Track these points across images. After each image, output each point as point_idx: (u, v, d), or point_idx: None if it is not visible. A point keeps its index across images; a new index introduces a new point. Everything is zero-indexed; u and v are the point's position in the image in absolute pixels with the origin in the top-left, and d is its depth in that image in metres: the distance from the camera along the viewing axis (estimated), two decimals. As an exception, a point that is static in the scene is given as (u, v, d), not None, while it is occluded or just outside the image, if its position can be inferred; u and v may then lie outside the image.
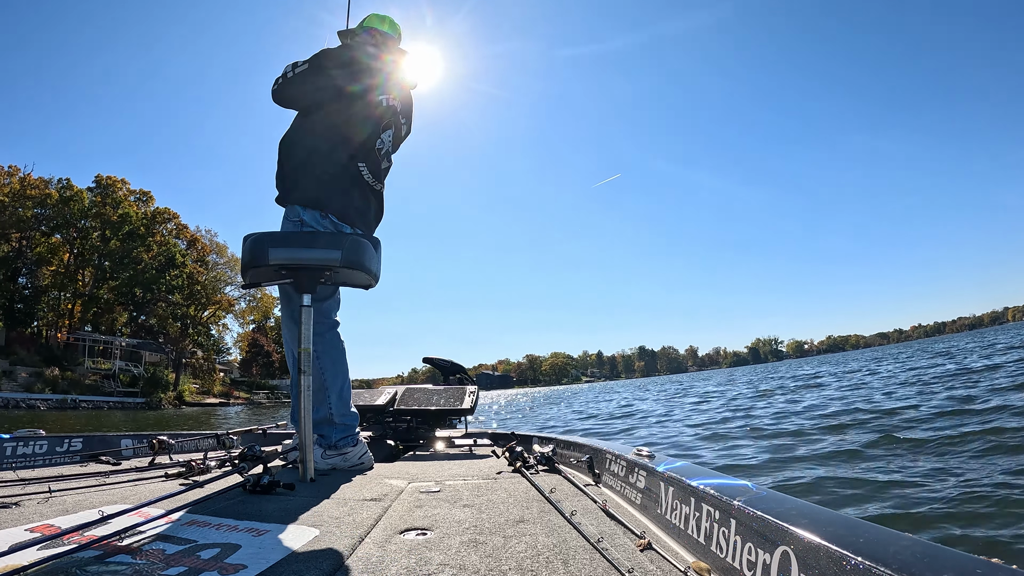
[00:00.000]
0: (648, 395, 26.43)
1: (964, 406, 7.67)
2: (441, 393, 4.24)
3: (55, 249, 49.54)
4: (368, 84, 2.76)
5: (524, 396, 63.38)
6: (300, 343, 2.28)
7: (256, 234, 2.32)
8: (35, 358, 41.39)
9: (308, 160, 2.70)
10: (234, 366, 70.80)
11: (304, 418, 2.21)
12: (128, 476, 2.47)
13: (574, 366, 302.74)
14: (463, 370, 4.82)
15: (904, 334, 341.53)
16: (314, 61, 2.70)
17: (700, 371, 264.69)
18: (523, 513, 1.65)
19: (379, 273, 2.51)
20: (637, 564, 1.19)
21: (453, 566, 1.18)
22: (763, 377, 31.89)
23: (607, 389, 56.25)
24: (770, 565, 0.92)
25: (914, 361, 23.28)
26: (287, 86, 2.72)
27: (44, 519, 1.54)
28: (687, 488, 1.32)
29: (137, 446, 3.22)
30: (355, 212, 2.75)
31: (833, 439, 6.74)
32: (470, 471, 2.57)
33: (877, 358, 38.80)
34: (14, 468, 2.61)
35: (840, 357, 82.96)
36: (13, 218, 45.47)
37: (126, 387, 44.82)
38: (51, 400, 35.15)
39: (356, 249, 2.33)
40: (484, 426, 5.64)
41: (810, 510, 0.95)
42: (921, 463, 5.03)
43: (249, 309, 64.16)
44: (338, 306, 2.87)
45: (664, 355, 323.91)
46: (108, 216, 50.49)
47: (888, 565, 0.69)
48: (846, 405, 9.88)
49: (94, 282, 51.65)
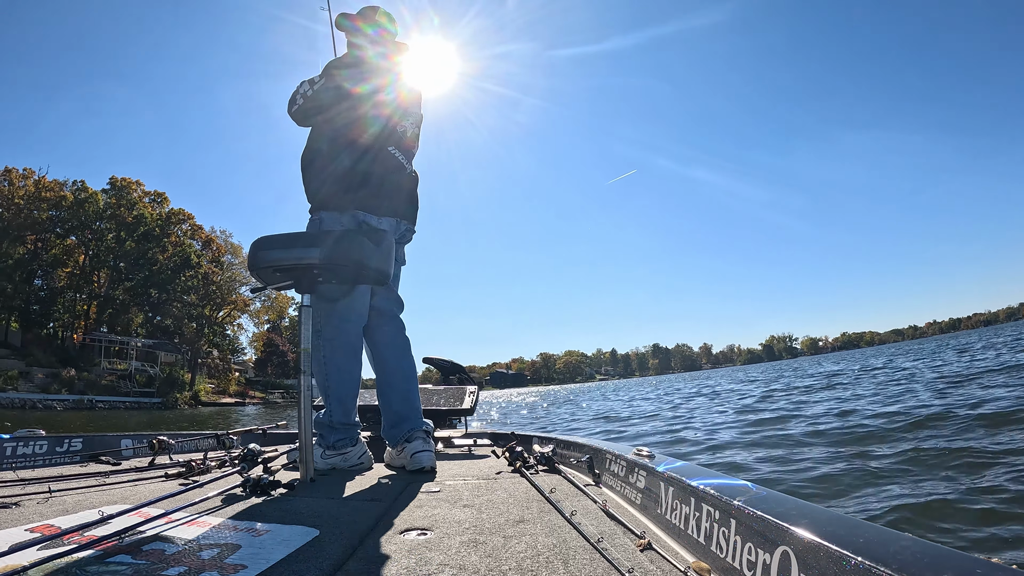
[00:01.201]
0: (681, 391, 24.88)
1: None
2: (441, 393, 4.24)
3: (70, 251, 50.07)
4: (378, 83, 2.76)
5: (534, 396, 60.49)
6: (300, 343, 2.28)
7: (257, 239, 2.34)
8: (51, 359, 41.81)
9: (323, 163, 2.71)
10: (249, 366, 71.26)
11: (304, 418, 2.21)
12: (128, 476, 2.48)
13: (588, 364, 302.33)
14: (463, 370, 4.82)
15: (919, 331, 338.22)
16: (328, 75, 2.71)
17: (715, 368, 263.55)
18: (523, 513, 1.65)
19: (382, 266, 2.45)
20: (637, 564, 1.18)
21: (453, 566, 1.18)
22: (799, 374, 27.76)
23: (623, 387, 54.23)
24: (770, 565, 0.91)
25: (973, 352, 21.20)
26: (310, 107, 2.72)
27: (44, 519, 1.55)
28: (687, 488, 1.31)
29: (137, 446, 3.23)
30: (384, 201, 2.75)
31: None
32: (470, 471, 2.57)
33: (899, 353, 37.04)
34: (14, 468, 2.62)
35: (860, 354, 79.39)
36: (28, 220, 45.99)
37: (142, 387, 45.09)
38: (68, 401, 35.49)
39: (340, 246, 2.32)
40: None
41: (810, 510, 0.94)
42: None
43: (264, 309, 64.68)
44: (360, 306, 2.80)
45: (678, 353, 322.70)
46: (123, 217, 51.00)
47: (888, 565, 0.68)
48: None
49: (109, 283, 52.14)
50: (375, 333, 2.88)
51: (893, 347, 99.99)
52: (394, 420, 2.76)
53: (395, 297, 2.99)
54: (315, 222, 2.70)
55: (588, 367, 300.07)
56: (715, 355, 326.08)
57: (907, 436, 6.14)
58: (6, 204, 45.85)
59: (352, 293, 2.71)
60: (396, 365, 2.87)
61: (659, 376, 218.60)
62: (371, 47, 2.86)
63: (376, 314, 2.88)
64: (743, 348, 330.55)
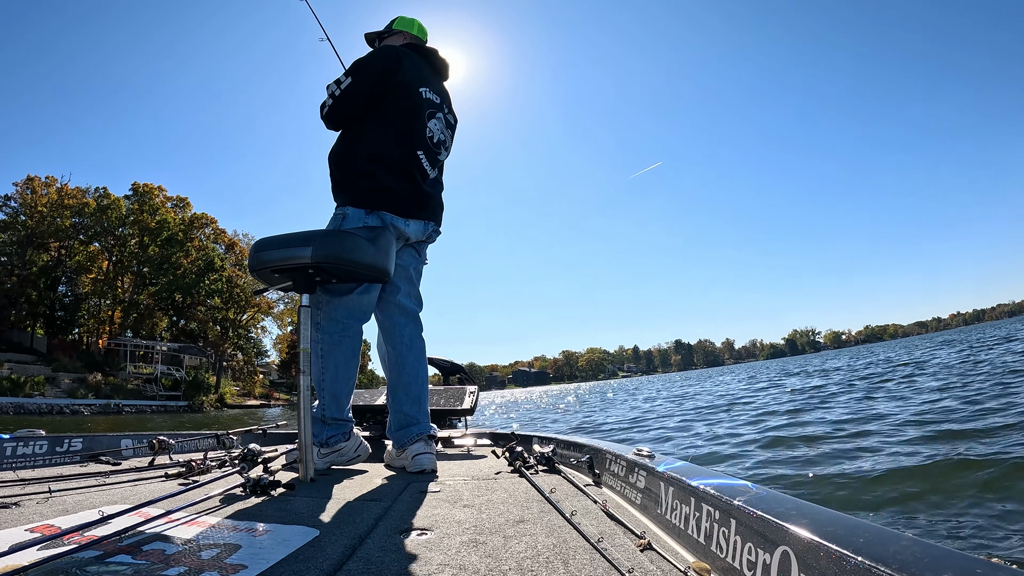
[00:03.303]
0: (737, 384, 22.89)
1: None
2: (441, 393, 4.23)
3: (94, 257, 50.57)
4: (406, 78, 2.74)
5: (569, 394, 53.84)
6: (299, 343, 2.28)
7: (257, 240, 2.35)
8: (77, 364, 42.19)
9: (352, 158, 2.71)
10: (273, 368, 71.82)
11: (303, 418, 2.22)
12: (128, 476, 2.48)
13: (610, 361, 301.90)
14: (463, 370, 4.82)
15: (943, 323, 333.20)
16: (355, 71, 2.69)
17: (737, 363, 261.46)
18: (523, 513, 1.65)
19: (378, 263, 2.44)
20: (637, 564, 1.18)
21: (453, 566, 1.18)
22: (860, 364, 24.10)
23: (645, 383, 53.16)
24: (770, 565, 0.91)
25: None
26: (339, 107, 2.70)
27: (44, 519, 1.55)
28: (687, 488, 1.31)
29: (137, 446, 3.23)
30: (412, 203, 2.73)
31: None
32: (470, 471, 2.57)
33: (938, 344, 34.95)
34: (14, 468, 2.63)
35: (887, 346, 76.92)
36: (52, 228, 46.53)
37: (168, 391, 45.31)
38: (95, 405, 35.75)
39: (333, 244, 2.31)
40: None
41: (810, 510, 0.94)
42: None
43: (288, 311, 65.00)
44: (365, 304, 2.76)
45: (700, 348, 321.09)
46: (146, 223, 51.55)
47: (888, 565, 0.68)
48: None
49: (133, 288, 52.76)
50: (397, 331, 2.85)
51: (922, 339, 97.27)
52: (404, 422, 2.75)
53: (417, 295, 2.98)
54: (337, 217, 2.68)
55: (610, 364, 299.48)
56: (737, 350, 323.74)
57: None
58: (29, 212, 46.45)
59: (355, 290, 2.69)
60: (414, 368, 2.85)
61: (683, 372, 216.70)
62: (401, 46, 2.87)
63: (400, 312, 2.87)
64: (765, 343, 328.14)
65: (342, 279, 2.51)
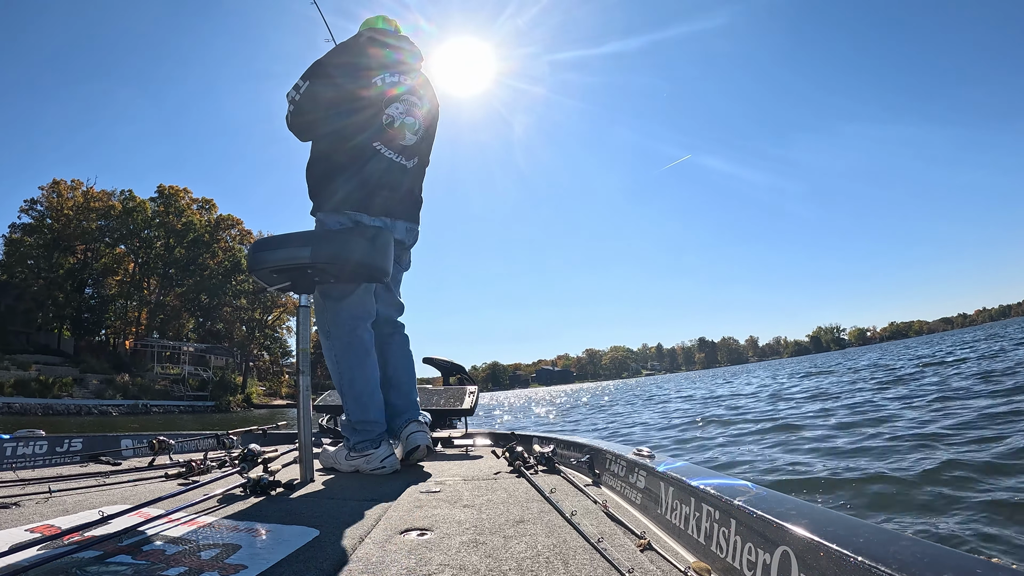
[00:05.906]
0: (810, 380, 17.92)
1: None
2: (441, 393, 4.24)
3: (120, 259, 51.06)
4: (362, 74, 2.70)
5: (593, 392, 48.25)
6: (298, 343, 2.28)
7: (256, 240, 2.35)
8: (104, 365, 42.63)
9: (316, 164, 2.71)
10: (298, 368, 72.35)
11: (303, 418, 2.22)
12: (128, 476, 2.49)
13: (634, 359, 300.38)
14: (463, 370, 4.81)
15: (969, 318, 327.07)
16: (311, 74, 2.66)
17: (761, 361, 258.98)
18: (523, 513, 1.64)
19: (377, 263, 2.43)
20: (637, 564, 1.18)
21: (453, 566, 1.18)
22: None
23: (669, 380, 51.28)
24: (770, 565, 0.91)
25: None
26: (299, 114, 2.66)
27: (44, 519, 1.55)
28: (687, 488, 1.31)
29: (137, 446, 3.25)
30: (380, 201, 2.70)
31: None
32: (470, 471, 2.56)
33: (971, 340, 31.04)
34: (14, 468, 2.64)
35: (916, 342, 73.06)
36: (78, 231, 47.11)
37: (195, 391, 45.69)
38: (122, 406, 36.06)
39: (333, 244, 2.31)
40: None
41: (810, 510, 0.94)
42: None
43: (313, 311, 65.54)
44: (368, 303, 2.77)
45: (724, 346, 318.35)
46: (172, 225, 52.10)
47: (888, 565, 0.68)
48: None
49: (160, 290, 53.48)
50: (377, 333, 2.87)
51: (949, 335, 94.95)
52: (392, 414, 2.78)
53: (396, 302, 3.00)
54: (318, 223, 2.70)
55: (634, 362, 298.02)
56: (761, 348, 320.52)
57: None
58: (56, 215, 47.02)
59: (356, 291, 2.69)
60: (397, 361, 2.91)
61: (706, 370, 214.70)
62: (362, 42, 2.80)
63: (379, 321, 2.90)
64: (789, 340, 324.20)
65: (341, 279, 2.52)
